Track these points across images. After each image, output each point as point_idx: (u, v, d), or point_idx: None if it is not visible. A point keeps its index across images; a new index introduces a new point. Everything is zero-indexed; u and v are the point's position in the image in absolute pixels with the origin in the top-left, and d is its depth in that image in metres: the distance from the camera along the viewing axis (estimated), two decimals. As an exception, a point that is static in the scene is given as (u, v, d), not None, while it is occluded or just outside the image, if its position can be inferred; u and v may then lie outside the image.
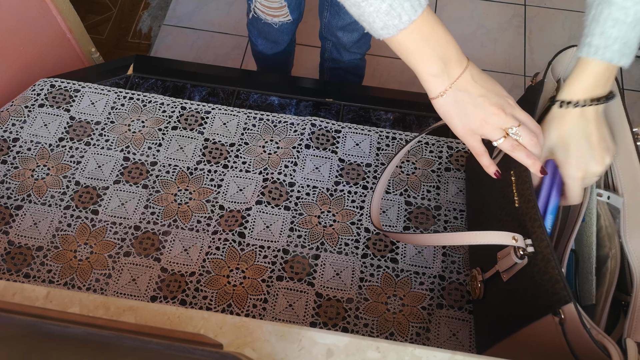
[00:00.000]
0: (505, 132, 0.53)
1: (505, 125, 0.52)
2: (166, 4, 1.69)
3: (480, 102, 0.52)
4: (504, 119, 0.52)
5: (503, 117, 0.52)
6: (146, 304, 0.51)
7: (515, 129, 0.53)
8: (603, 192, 0.60)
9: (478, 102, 0.52)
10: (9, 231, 0.75)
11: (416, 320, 0.70)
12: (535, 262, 0.54)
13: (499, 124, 0.52)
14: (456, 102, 0.52)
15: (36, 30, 1.04)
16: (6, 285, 0.52)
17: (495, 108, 0.52)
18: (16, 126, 0.84)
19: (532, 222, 0.55)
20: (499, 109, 0.52)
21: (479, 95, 0.52)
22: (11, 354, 0.31)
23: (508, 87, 1.52)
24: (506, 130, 0.53)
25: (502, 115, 0.52)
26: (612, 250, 0.58)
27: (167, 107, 0.86)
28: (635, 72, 1.54)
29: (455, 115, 0.53)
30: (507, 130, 0.53)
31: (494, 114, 0.52)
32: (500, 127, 0.53)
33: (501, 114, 0.52)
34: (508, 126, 0.52)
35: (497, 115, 0.52)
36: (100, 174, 0.80)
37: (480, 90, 0.52)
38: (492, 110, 0.52)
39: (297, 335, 0.49)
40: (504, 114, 0.52)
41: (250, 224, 0.76)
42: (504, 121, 0.52)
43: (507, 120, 0.52)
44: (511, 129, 0.53)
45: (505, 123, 0.52)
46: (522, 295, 0.57)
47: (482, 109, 0.52)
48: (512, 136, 0.53)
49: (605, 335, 0.49)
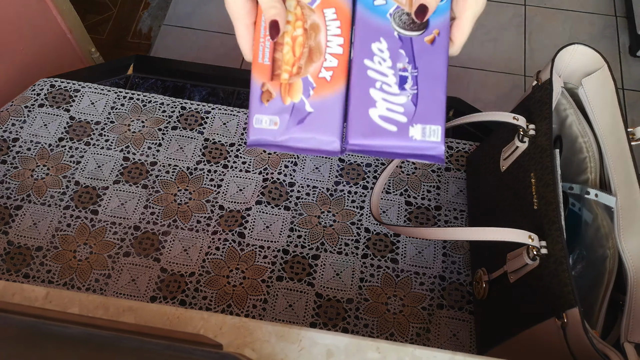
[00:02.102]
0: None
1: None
2: (166, 4, 1.69)
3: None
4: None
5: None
6: (146, 305, 0.51)
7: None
8: (591, 190, 0.60)
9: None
10: (9, 231, 0.75)
11: (416, 321, 0.70)
12: (547, 264, 0.54)
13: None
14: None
15: (36, 30, 1.04)
16: (5, 286, 0.52)
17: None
18: (16, 126, 0.84)
19: (550, 224, 0.55)
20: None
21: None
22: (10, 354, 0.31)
23: (508, 87, 1.52)
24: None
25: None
26: (609, 250, 0.58)
27: (167, 107, 0.86)
28: (635, 72, 1.54)
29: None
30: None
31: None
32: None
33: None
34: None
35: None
36: (100, 174, 0.80)
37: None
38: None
39: (297, 336, 0.49)
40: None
41: (250, 224, 0.76)
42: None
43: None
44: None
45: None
46: (527, 297, 0.57)
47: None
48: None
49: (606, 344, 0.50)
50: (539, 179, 0.59)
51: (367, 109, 0.47)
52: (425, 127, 0.49)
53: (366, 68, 0.47)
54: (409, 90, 0.48)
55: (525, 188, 0.60)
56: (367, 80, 0.47)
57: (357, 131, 0.46)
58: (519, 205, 0.61)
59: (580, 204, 0.62)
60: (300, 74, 0.47)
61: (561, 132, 0.66)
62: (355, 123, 0.46)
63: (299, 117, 0.47)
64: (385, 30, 0.48)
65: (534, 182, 0.59)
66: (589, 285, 0.58)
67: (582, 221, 0.62)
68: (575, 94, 0.65)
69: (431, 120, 0.49)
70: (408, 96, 0.48)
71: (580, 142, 0.63)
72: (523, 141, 0.62)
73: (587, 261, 0.60)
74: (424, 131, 0.49)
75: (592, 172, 0.62)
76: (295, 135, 0.47)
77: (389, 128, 0.48)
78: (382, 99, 0.47)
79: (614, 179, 0.60)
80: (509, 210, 0.64)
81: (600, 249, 0.59)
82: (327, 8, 0.47)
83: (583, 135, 0.63)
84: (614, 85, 0.61)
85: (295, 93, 0.47)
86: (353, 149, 0.47)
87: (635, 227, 0.57)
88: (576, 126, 0.64)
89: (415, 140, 0.48)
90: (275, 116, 0.48)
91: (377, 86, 0.47)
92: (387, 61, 0.48)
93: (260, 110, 0.48)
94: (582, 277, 0.60)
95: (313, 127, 0.47)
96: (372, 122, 0.47)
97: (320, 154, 0.47)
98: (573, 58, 0.64)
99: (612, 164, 0.60)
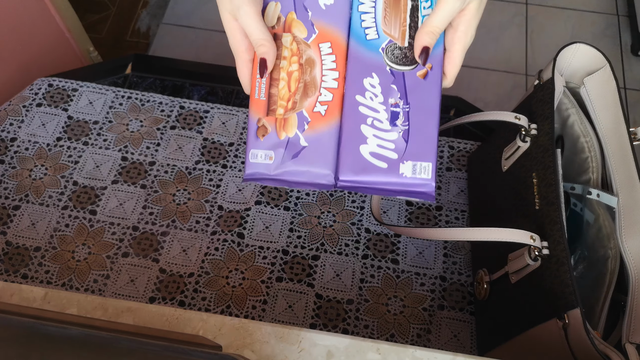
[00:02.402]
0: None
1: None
2: (165, 3, 1.69)
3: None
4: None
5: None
6: (144, 305, 0.51)
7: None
8: (593, 190, 0.60)
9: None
10: (7, 231, 0.74)
11: (417, 322, 0.70)
12: (549, 265, 0.54)
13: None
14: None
15: (34, 29, 1.03)
16: (4, 286, 0.52)
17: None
18: (14, 126, 0.83)
19: (551, 224, 0.55)
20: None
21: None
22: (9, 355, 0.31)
23: (509, 86, 1.51)
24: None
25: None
26: (611, 250, 0.58)
27: (166, 107, 0.86)
28: (637, 71, 1.53)
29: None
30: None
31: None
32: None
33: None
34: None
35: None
36: (99, 173, 0.79)
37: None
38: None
39: (296, 337, 0.49)
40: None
41: (250, 225, 0.76)
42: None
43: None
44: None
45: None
46: (528, 298, 0.56)
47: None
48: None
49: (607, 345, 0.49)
50: (540, 179, 0.59)
51: (358, 145, 0.47)
52: (415, 164, 0.49)
53: (357, 104, 0.47)
54: (400, 126, 0.48)
55: (527, 188, 0.60)
56: (359, 116, 0.47)
57: (347, 168, 0.46)
58: (520, 206, 0.61)
59: (581, 204, 0.62)
60: (295, 108, 0.47)
61: (563, 131, 0.66)
62: (346, 160, 0.46)
63: (293, 151, 0.47)
64: (377, 65, 0.47)
65: (536, 182, 0.59)
66: (590, 285, 0.58)
67: (583, 221, 0.62)
68: (577, 94, 0.65)
69: (422, 157, 0.49)
70: (399, 132, 0.48)
71: (582, 141, 0.63)
72: (525, 141, 0.62)
73: (589, 261, 0.60)
74: (414, 168, 0.49)
75: (594, 172, 0.62)
76: (290, 168, 0.47)
77: (379, 165, 0.47)
78: (373, 135, 0.47)
79: (615, 179, 0.60)
80: (510, 210, 0.64)
81: (602, 250, 0.58)
82: (322, 42, 0.47)
83: (585, 135, 0.63)
84: (616, 85, 0.61)
85: (290, 128, 0.47)
86: (343, 185, 0.47)
87: (637, 228, 0.56)
88: (578, 126, 0.63)
89: (405, 177, 0.48)
90: (270, 150, 0.48)
91: (369, 122, 0.47)
92: (378, 96, 0.48)
93: (255, 145, 0.48)
94: (584, 278, 0.60)
95: (307, 160, 0.47)
96: (362, 158, 0.47)
97: (314, 188, 0.47)
98: (575, 57, 0.64)
99: (614, 163, 0.60)
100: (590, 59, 0.63)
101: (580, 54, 0.63)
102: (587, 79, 0.63)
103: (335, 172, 0.47)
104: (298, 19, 0.47)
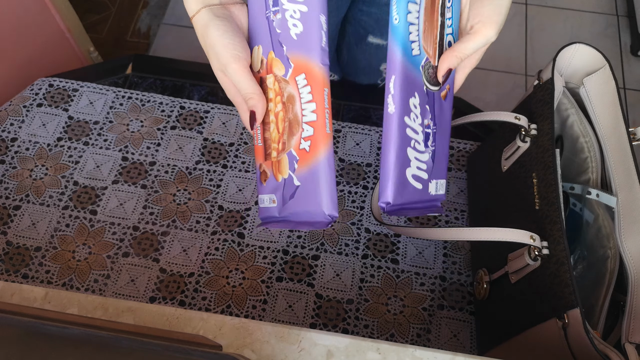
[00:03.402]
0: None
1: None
2: (165, 3, 1.69)
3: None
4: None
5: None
6: (145, 305, 0.51)
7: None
8: (592, 190, 0.60)
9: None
10: (7, 231, 0.75)
11: (417, 321, 0.70)
12: (548, 265, 0.54)
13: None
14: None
15: (34, 30, 1.03)
16: (4, 286, 0.52)
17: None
18: (14, 126, 0.83)
19: (551, 224, 0.55)
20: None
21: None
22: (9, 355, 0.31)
23: (509, 86, 1.51)
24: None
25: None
26: (610, 250, 0.58)
27: (166, 107, 0.86)
28: (636, 71, 1.53)
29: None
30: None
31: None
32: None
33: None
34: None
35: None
36: (99, 173, 0.80)
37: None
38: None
39: (296, 337, 0.49)
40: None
41: (250, 225, 0.76)
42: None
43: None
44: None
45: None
46: (528, 298, 0.56)
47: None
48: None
49: (607, 344, 0.49)
50: (540, 179, 0.59)
51: (405, 169, 0.46)
52: (437, 182, 0.49)
53: (406, 126, 0.45)
54: (430, 147, 0.48)
55: (527, 188, 0.60)
56: (406, 139, 0.45)
57: (398, 193, 0.45)
58: (520, 206, 0.61)
59: (581, 204, 0.62)
60: (285, 149, 0.46)
61: (562, 132, 0.66)
62: (397, 185, 0.45)
63: (290, 192, 0.46)
64: (418, 84, 0.46)
65: (536, 182, 0.59)
66: (590, 285, 0.58)
67: (583, 221, 0.62)
68: (577, 94, 0.65)
69: (441, 174, 0.49)
70: (429, 153, 0.48)
71: (582, 142, 0.63)
72: (525, 141, 0.62)
73: (588, 261, 0.60)
74: (436, 186, 0.49)
75: (593, 172, 0.62)
76: (291, 210, 0.46)
77: (417, 186, 0.47)
78: (415, 158, 0.46)
79: (614, 179, 0.60)
80: (510, 210, 0.64)
81: (601, 249, 0.59)
82: (298, 75, 0.45)
83: (584, 135, 0.63)
84: (616, 85, 0.61)
85: (283, 169, 0.47)
86: (392, 209, 0.45)
87: (636, 227, 0.57)
88: (577, 126, 0.63)
89: (430, 195, 0.48)
90: (272, 194, 0.47)
91: (412, 145, 0.46)
92: (418, 118, 0.46)
93: (261, 190, 0.48)
94: (583, 278, 0.60)
95: (302, 200, 0.46)
96: (407, 182, 0.46)
97: (314, 228, 0.45)
98: (574, 57, 0.64)
99: (613, 163, 0.60)
100: (589, 59, 0.64)
101: (580, 54, 0.63)
102: (587, 79, 0.63)
103: (329, 208, 0.45)
104: (276, 57, 0.46)
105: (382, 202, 0.45)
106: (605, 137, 0.61)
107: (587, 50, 0.63)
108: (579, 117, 0.63)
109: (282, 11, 0.44)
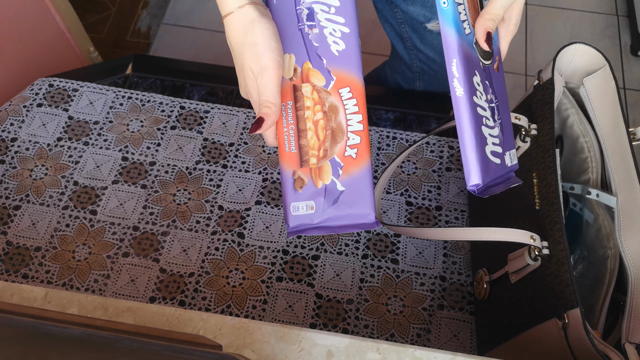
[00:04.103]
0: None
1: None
2: (165, 3, 1.69)
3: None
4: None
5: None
6: (145, 305, 0.51)
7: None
8: (592, 190, 0.60)
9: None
10: (7, 231, 0.75)
11: (417, 321, 0.70)
12: (549, 265, 0.54)
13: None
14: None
15: (34, 30, 1.03)
16: (4, 286, 0.52)
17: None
18: (14, 126, 0.83)
19: (552, 224, 0.55)
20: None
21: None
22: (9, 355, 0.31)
23: (509, 86, 1.51)
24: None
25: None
26: (610, 250, 0.58)
27: (166, 107, 0.86)
28: (636, 71, 1.53)
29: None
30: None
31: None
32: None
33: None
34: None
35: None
36: (99, 173, 0.80)
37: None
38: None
39: (296, 337, 0.49)
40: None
41: (250, 225, 0.76)
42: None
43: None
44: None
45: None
46: (528, 298, 0.56)
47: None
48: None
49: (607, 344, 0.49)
50: (540, 179, 0.59)
51: (484, 147, 0.46)
52: (510, 153, 0.50)
53: (475, 105, 0.46)
54: (497, 120, 0.48)
55: (527, 188, 0.60)
56: (478, 118, 0.46)
57: (485, 173, 0.45)
58: (520, 206, 0.61)
59: (581, 204, 0.62)
60: (327, 156, 0.48)
61: (562, 132, 0.66)
62: (481, 165, 0.45)
63: (333, 198, 0.48)
64: (475, 62, 0.46)
65: (536, 182, 0.59)
66: (590, 285, 0.58)
67: (583, 221, 0.62)
68: (577, 94, 0.65)
69: (510, 145, 0.50)
70: (498, 127, 0.48)
71: (582, 142, 0.63)
72: (525, 141, 0.62)
73: (588, 261, 0.60)
74: (510, 157, 0.50)
75: (593, 172, 0.62)
76: (332, 214, 0.48)
77: (496, 162, 0.47)
78: (489, 135, 0.47)
79: (614, 179, 0.60)
80: (510, 210, 0.64)
81: (601, 249, 0.59)
82: (342, 88, 0.48)
83: (584, 135, 0.63)
84: (615, 85, 0.61)
85: (325, 175, 0.48)
86: (481, 190, 0.46)
87: (636, 228, 0.57)
88: (577, 126, 0.63)
89: (507, 167, 0.49)
90: (310, 201, 0.48)
91: (484, 122, 0.46)
92: (483, 95, 0.47)
93: (295, 198, 0.48)
94: (583, 278, 0.60)
95: (347, 204, 0.48)
96: (489, 160, 0.46)
97: (358, 229, 0.48)
98: (574, 57, 0.64)
99: (613, 163, 0.60)
100: (589, 59, 0.64)
101: (580, 54, 0.63)
102: (587, 79, 0.63)
103: (374, 210, 0.48)
104: (314, 68, 0.48)
105: (472, 186, 0.45)
106: (605, 137, 0.61)
107: (587, 50, 0.63)
108: (579, 117, 0.63)
109: (319, 27, 0.47)
